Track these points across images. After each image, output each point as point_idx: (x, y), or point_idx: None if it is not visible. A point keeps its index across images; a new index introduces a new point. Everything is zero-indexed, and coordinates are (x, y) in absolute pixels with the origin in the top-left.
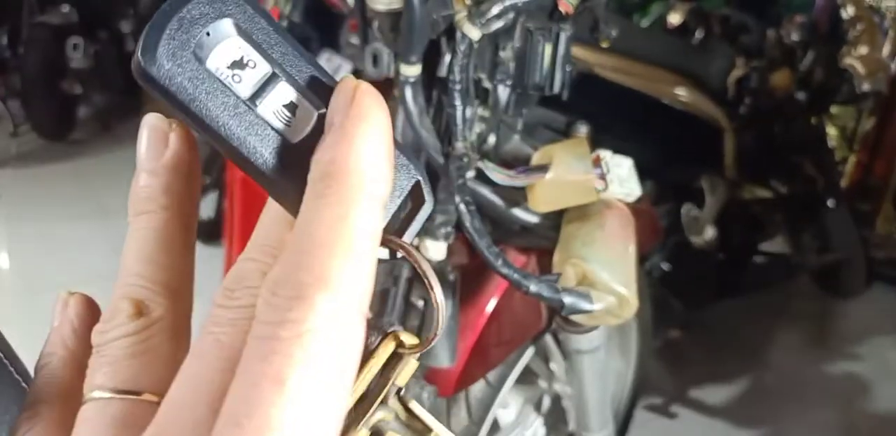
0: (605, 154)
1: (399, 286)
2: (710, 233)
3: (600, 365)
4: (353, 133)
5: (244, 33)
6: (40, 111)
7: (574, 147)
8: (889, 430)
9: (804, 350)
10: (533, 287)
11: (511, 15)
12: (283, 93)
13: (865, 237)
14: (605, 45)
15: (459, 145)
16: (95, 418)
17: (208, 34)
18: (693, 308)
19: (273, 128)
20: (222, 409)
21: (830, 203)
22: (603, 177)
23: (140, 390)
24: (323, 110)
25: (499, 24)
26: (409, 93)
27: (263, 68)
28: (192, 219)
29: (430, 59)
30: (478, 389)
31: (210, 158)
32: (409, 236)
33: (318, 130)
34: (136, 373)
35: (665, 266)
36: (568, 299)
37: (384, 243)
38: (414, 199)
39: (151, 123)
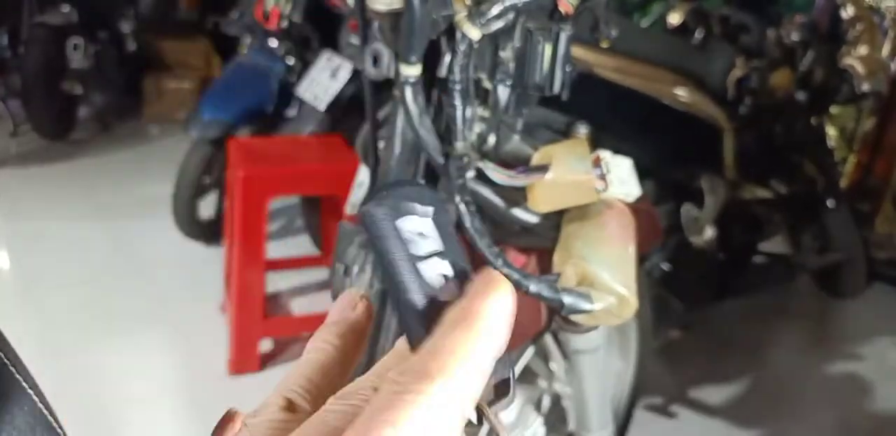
0: (605, 154)
1: None
2: (709, 233)
3: (600, 365)
4: (487, 296)
5: (434, 219)
6: (40, 111)
7: (574, 147)
8: (889, 430)
9: (804, 350)
10: (533, 287)
11: (511, 15)
12: (442, 266)
13: (865, 237)
14: (605, 45)
15: (459, 145)
16: None
17: (414, 209)
18: (693, 308)
19: (427, 283)
20: None
21: (830, 203)
22: (603, 177)
23: None
24: (464, 285)
25: (499, 25)
26: (409, 93)
27: (437, 244)
28: (352, 363)
29: (431, 60)
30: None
31: (212, 158)
32: (493, 413)
33: (456, 299)
34: None
35: (665, 266)
36: (568, 299)
37: (479, 409)
38: (501, 389)
39: (349, 293)
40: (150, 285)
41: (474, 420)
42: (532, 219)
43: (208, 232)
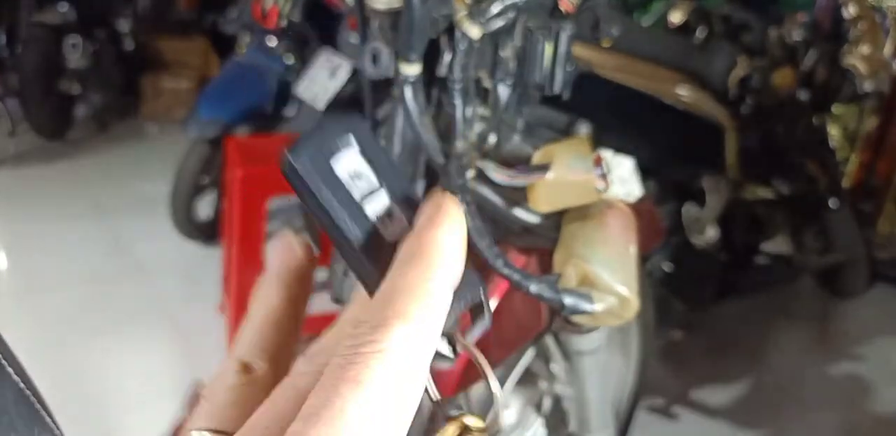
0: (607, 154)
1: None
2: (711, 233)
3: (601, 366)
4: (435, 228)
5: (364, 153)
6: (38, 111)
7: (575, 147)
8: (891, 431)
9: (806, 351)
10: (533, 288)
11: (512, 14)
12: (384, 202)
13: (867, 238)
14: (606, 44)
15: (460, 145)
16: None
17: (339, 149)
18: (694, 309)
19: (373, 225)
20: (302, 408)
21: (832, 203)
22: (604, 177)
23: (232, 431)
24: (412, 218)
25: (499, 23)
26: (408, 92)
27: (373, 181)
28: (302, 310)
29: (430, 59)
30: (478, 390)
31: (209, 158)
32: (468, 338)
33: (405, 233)
34: (232, 417)
35: (667, 266)
36: (568, 300)
37: (449, 337)
38: (474, 310)
39: (283, 238)
40: (147, 285)
41: (448, 353)
42: (533, 219)
43: (206, 232)
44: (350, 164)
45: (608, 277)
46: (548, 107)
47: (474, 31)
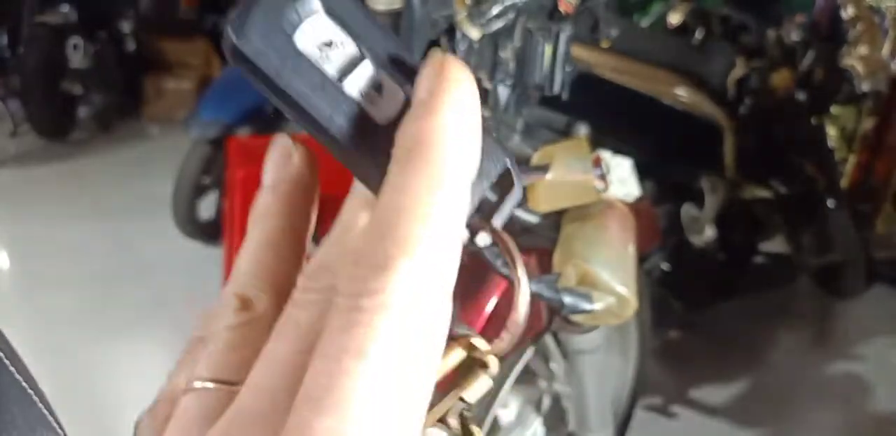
0: (606, 154)
1: None
2: (709, 233)
3: (600, 365)
4: (438, 106)
5: (332, 13)
6: (40, 111)
7: (574, 147)
8: (890, 430)
9: (804, 351)
10: (533, 287)
11: (511, 15)
12: (370, 73)
13: (865, 238)
14: (605, 45)
15: None
16: (192, 408)
17: (297, 13)
18: (693, 308)
19: (360, 107)
20: (302, 385)
21: (830, 203)
22: (603, 177)
23: (237, 381)
24: (409, 89)
25: (499, 24)
26: None
27: (351, 49)
28: (305, 231)
29: None
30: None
31: (211, 158)
32: (498, 221)
33: (405, 110)
34: (235, 364)
35: (665, 266)
36: (568, 299)
37: (473, 226)
38: (503, 184)
39: (278, 143)
40: (149, 285)
41: (470, 243)
42: (532, 219)
43: (208, 232)
44: (317, 32)
45: (607, 277)
46: (547, 107)
47: (474, 32)
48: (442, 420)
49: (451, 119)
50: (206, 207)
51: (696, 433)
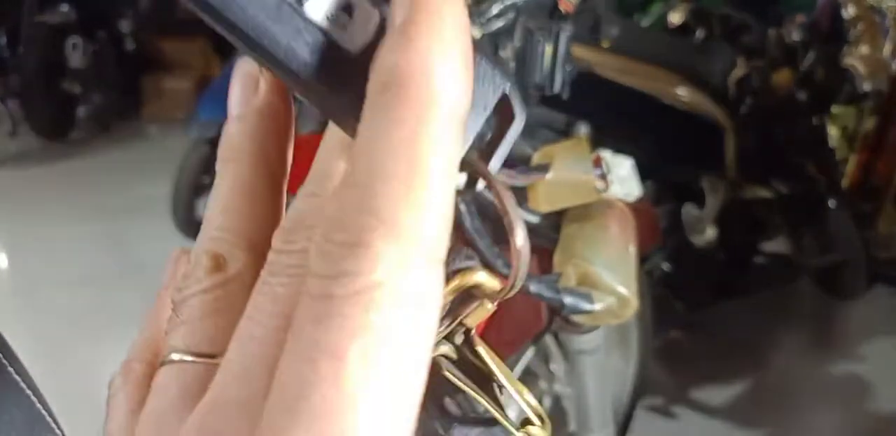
0: (606, 154)
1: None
2: (710, 233)
3: (601, 366)
4: (419, 31)
5: None
6: (39, 111)
7: (574, 147)
8: (891, 431)
9: (805, 351)
10: (533, 287)
11: (511, 14)
12: None
13: (866, 238)
14: (605, 44)
15: None
16: (171, 384)
17: None
18: (694, 308)
19: (325, 33)
20: (272, 386)
21: (831, 203)
22: (603, 177)
23: (216, 352)
24: (386, 10)
25: (499, 24)
26: None
27: None
28: (281, 167)
29: None
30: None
31: (210, 158)
32: (496, 161)
33: (381, 35)
34: (212, 334)
35: (666, 266)
36: (568, 300)
37: (464, 168)
38: (501, 115)
39: (242, 69)
40: (148, 286)
41: (467, 186)
42: (532, 219)
43: None
44: None
45: (608, 277)
46: (547, 107)
47: (474, 32)
48: (447, 338)
49: (435, 44)
50: (205, 207)
51: (697, 434)
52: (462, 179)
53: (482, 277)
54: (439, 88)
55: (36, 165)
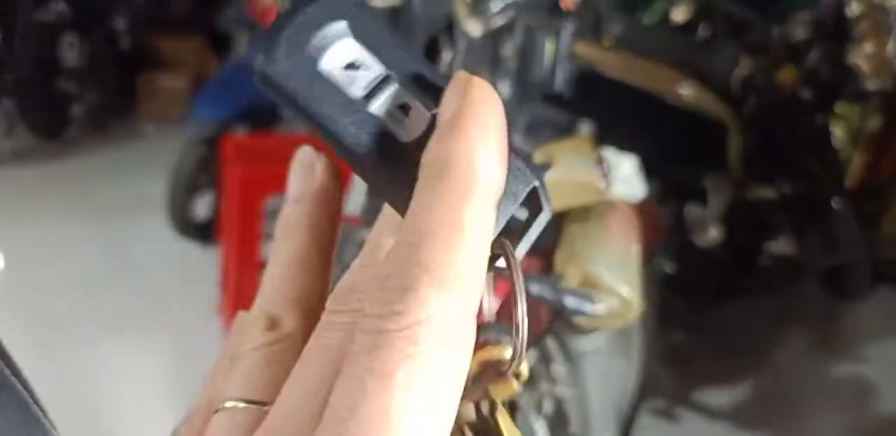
0: (608, 153)
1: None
2: (714, 233)
3: (603, 367)
4: (464, 127)
5: (358, 35)
6: (34, 110)
7: (576, 146)
8: (895, 432)
9: (809, 352)
10: (535, 288)
11: (512, 12)
12: (396, 94)
13: (871, 238)
14: (607, 42)
15: None
16: (225, 428)
17: (324, 37)
18: (697, 309)
19: (385, 127)
20: (328, 406)
21: (836, 203)
22: (605, 176)
23: (267, 401)
24: (435, 111)
25: (500, 22)
26: None
27: (376, 70)
28: (331, 241)
29: (431, 57)
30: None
31: (207, 157)
32: (524, 245)
33: (431, 130)
34: (265, 384)
35: (669, 267)
36: (570, 301)
37: (494, 249)
38: (531, 207)
39: (301, 156)
40: (144, 286)
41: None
42: None
43: (203, 232)
44: (344, 54)
45: (610, 278)
46: (549, 106)
47: (475, 30)
48: (477, 409)
49: (477, 139)
50: (202, 207)
51: (699, 435)
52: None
53: (503, 354)
54: (479, 172)
55: (31, 164)
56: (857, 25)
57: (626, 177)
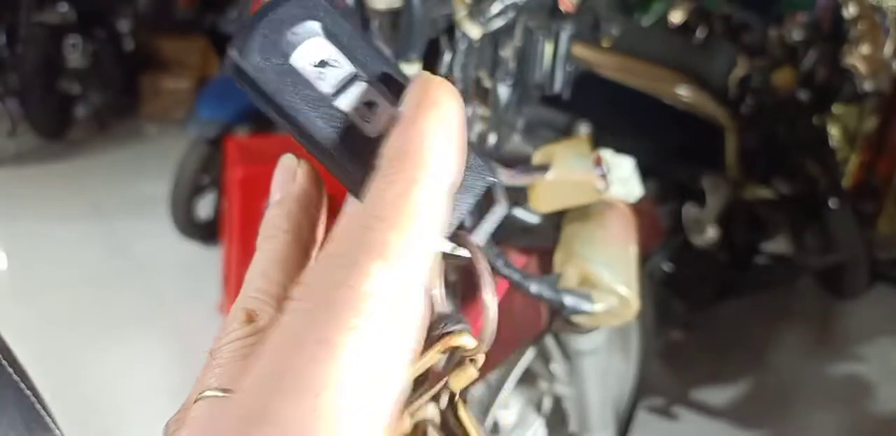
0: (607, 154)
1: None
2: (711, 233)
3: (601, 366)
4: (420, 121)
5: (330, 35)
6: (38, 110)
7: (575, 147)
8: (891, 431)
9: (806, 351)
10: (534, 288)
11: (511, 13)
12: (363, 92)
13: (868, 238)
14: (606, 43)
15: None
16: (203, 415)
17: (296, 34)
18: (695, 309)
19: (351, 122)
20: (274, 373)
21: (833, 203)
22: (604, 177)
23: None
24: (399, 108)
25: (499, 23)
26: None
27: (346, 68)
28: (311, 244)
29: (431, 58)
30: (478, 390)
31: (209, 157)
32: (479, 235)
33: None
34: (239, 373)
35: (667, 267)
36: (569, 300)
37: (453, 238)
38: (488, 201)
39: (283, 162)
40: (147, 286)
41: (453, 252)
42: (533, 219)
43: (206, 232)
44: (315, 53)
45: (608, 277)
46: (548, 107)
47: (475, 31)
48: (434, 399)
49: (432, 131)
50: (204, 207)
51: (697, 434)
52: (451, 246)
53: (466, 341)
54: (430, 161)
55: (34, 165)
56: (853, 27)
57: (624, 177)
